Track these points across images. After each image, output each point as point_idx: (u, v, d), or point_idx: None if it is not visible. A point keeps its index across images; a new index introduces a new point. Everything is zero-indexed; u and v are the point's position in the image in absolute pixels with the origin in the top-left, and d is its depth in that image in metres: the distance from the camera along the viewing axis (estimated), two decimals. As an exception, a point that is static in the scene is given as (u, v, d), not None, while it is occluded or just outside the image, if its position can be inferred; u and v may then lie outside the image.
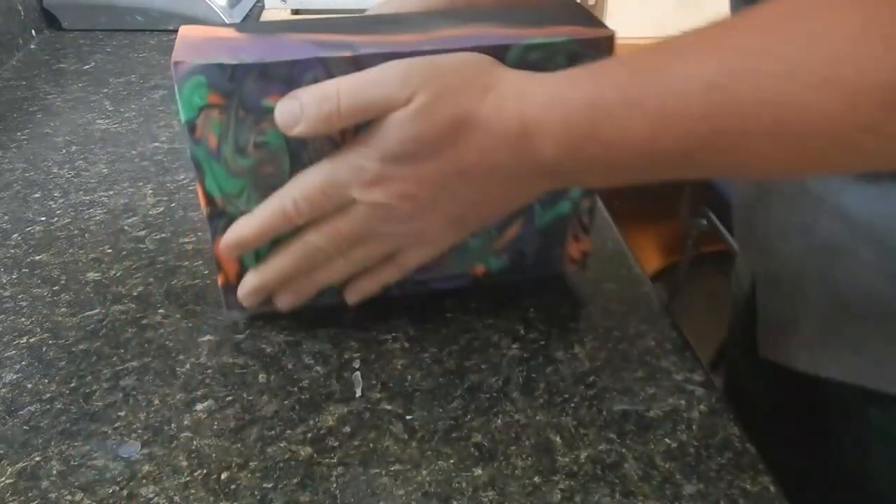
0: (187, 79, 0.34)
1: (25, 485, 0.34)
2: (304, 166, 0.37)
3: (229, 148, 0.36)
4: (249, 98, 0.35)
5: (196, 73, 0.34)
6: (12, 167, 0.61)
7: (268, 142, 0.36)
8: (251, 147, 0.37)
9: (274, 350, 0.41)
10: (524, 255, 0.44)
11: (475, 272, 0.44)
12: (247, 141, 0.36)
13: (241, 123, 0.36)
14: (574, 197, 0.43)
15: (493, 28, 0.38)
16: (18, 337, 0.42)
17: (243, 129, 0.36)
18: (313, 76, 0.35)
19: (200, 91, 0.35)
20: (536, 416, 0.37)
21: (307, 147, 0.37)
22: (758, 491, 0.34)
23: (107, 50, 0.89)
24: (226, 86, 0.35)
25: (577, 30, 0.38)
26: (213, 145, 0.36)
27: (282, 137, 0.36)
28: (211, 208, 0.38)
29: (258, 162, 0.37)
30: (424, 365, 0.40)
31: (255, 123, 0.36)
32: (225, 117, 0.36)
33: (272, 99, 0.35)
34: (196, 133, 0.36)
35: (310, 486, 0.34)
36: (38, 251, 0.50)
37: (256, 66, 0.35)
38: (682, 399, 0.38)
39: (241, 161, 0.37)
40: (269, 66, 0.35)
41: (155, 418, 0.37)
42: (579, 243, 0.45)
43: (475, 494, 0.33)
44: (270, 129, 0.36)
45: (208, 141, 0.36)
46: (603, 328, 0.43)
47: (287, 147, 0.37)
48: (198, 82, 0.34)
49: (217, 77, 0.34)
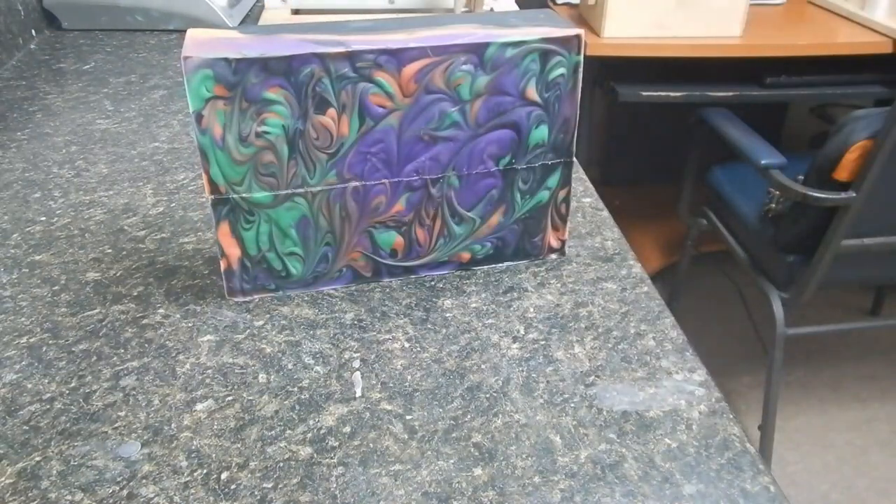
0: (195, 72, 0.38)
1: (25, 485, 0.34)
2: (301, 155, 0.41)
3: (233, 137, 0.40)
4: (252, 90, 0.39)
5: (203, 66, 0.38)
6: (12, 167, 0.61)
7: (268, 131, 0.40)
8: (253, 136, 0.40)
9: (274, 350, 0.41)
10: (506, 242, 0.48)
11: (460, 259, 0.47)
12: (249, 130, 0.40)
13: (243, 114, 0.39)
14: (551, 187, 0.46)
15: (473, 28, 0.42)
16: (18, 337, 0.42)
17: (246, 120, 0.39)
18: (310, 70, 0.39)
19: (207, 83, 0.38)
20: (536, 416, 0.37)
21: (304, 136, 0.40)
22: (758, 491, 0.34)
23: (107, 50, 0.89)
24: (230, 78, 0.38)
25: (549, 30, 0.42)
26: (219, 135, 0.39)
27: (281, 127, 0.40)
28: (215, 196, 0.41)
29: (259, 150, 0.40)
30: (424, 365, 0.40)
31: (256, 114, 0.39)
32: (229, 108, 0.39)
33: (272, 91, 0.39)
34: (202, 123, 0.39)
35: (310, 486, 0.34)
36: (38, 251, 0.50)
37: (258, 61, 0.38)
38: (682, 399, 0.38)
39: (243, 150, 0.40)
40: (270, 61, 0.38)
41: (155, 418, 0.37)
42: (558, 232, 0.48)
43: (475, 494, 0.33)
44: (270, 119, 0.39)
45: (213, 130, 0.39)
46: (603, 328, 0.43)
47: (285, 136, 0.40)
48: (205, 75, 0.38)
49: (222, 70, 0.38)
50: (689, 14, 1.46)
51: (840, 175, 1.27)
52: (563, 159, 0.46)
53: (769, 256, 1.46)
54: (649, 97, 1.58)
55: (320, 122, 0.40)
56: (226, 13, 0.98)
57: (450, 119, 0.42)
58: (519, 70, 0.42)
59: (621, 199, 2.15)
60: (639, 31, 1.49)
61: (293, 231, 0.43)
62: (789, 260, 1.42)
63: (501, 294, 0.46)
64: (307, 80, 0.39)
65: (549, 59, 0.42)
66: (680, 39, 1.48)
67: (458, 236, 0.46)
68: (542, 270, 0.48)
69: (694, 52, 1.49)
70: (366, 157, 0.42)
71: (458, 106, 0.42)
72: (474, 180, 0.44)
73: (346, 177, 0.42)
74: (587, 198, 0.57)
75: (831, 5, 1.73)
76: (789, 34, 1.59)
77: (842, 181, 1.27)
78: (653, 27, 1.48)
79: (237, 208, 0.42)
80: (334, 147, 0.41)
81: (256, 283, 0.44)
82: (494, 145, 0.44)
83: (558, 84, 0.43)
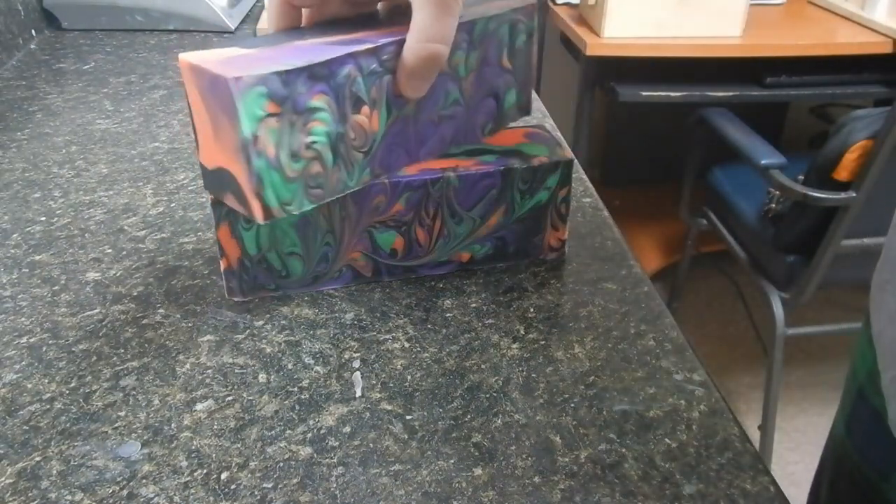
0: (247, 92, 0.34)
1: (25, 485, 0.34)
2: (343, 159, 0.39)
3: (285, 154, 0.37)
4: (299, 101, 0.36)
5: (256, 84, 0.34)
6: (12, 167, 0.61)
7: (315, 141, 0.38)
8: (303, 149, 0.37)
9: (274, 350, 0.41)
10: (506, 242, 0.48)
11: (460, 259, 0.47)
12: (299, 144, 0.37)
13: (293, 127, 0.37)
14: (551, 186, 0.46)
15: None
16: (18, 337, 0.42)
17: (295, 133, 0.37)
18: (346, 72, 0.38)
19: (260, 101, 0.35)
20: (536, 416, 0.37)
21: (344, 139, 0.39)
22: (758, 491, 0.34)
23: (107, 50, 0.89)
24: (280, 92, 0.35)
25: (511, 2, 0.46)
26: (272, 154, 0.36)
27: (325, 135, 0.38)
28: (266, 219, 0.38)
29: (308, 163, 0.38)
30: (424, 365, 0.40)
31: (303, 125, 0.37)
32: (279, 124, 0.36)
33: (317, 98, 0.37)
34: (258, 144, 0.36)
35: (310, 486, 0.34)
36: (38, 251, 0.50)
37: (305, 69, 0.36)
38: (682, 399, 0.38)
39: (294, 165, 0.38)
40: (315, 67, 0.36)
41: (155, 418, 0.37)
42: (557, 231, 0.48)
43: (475, 494, 0.33)
44: (316, 127, 0.38)
45: (267, 151, 0.36)
46: (603, 328, 0.43)
47: (329, 144, 0.39)
48: (258, 93, 0.35)
49: (275, 85, 0.35)
50: (689, 14, 1.46)
51: (840, 175, 1.27)
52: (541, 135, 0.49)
53: (769, 256, 1.46)
54: (649, 97, 1.58)
55: (357, 122, 0.39)
56: (226, 13, 0.98)
57: (452, 98, 0.44)
58: (496, 41, 0.45)
59: (621, 199, 2.15)
60: (639, 31, 1.49)
61: (293, 231, 0.43)
62: (789, 260, 1.42)
63: (501, 294, 0.46)
64: (345, 81, 0.38)
65: (516, 27, 0.46)
66: (680, 39, 1.48)
67: (458, 236, 0.46)
68: (542, 270, 0.48)
69: (694, 52, 1.50)
70: (391, 148, 0.42)
71: (457, 84, 0.44)
72: (474, 180, 0.44)
73: (377, 172, 0.42)
74: (587, 198, 0.57)
75: (831, 5, 1.73)
76: (789, 34, 1.59)
77: (842, 181, 1.27)
78: (653, 27, 1.48)
79: None
80: (368, 145, 0.41)
81: (256, 283, 0.44)
82: (482, 115, 0.47)
83: (521, 50, 0.47)
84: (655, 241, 2.04)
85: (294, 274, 0.45)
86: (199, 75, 0.36)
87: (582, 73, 1.63)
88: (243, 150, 0.36)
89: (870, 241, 1.35)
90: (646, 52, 1.49)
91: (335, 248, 0.44)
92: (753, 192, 1.54)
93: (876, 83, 1.60)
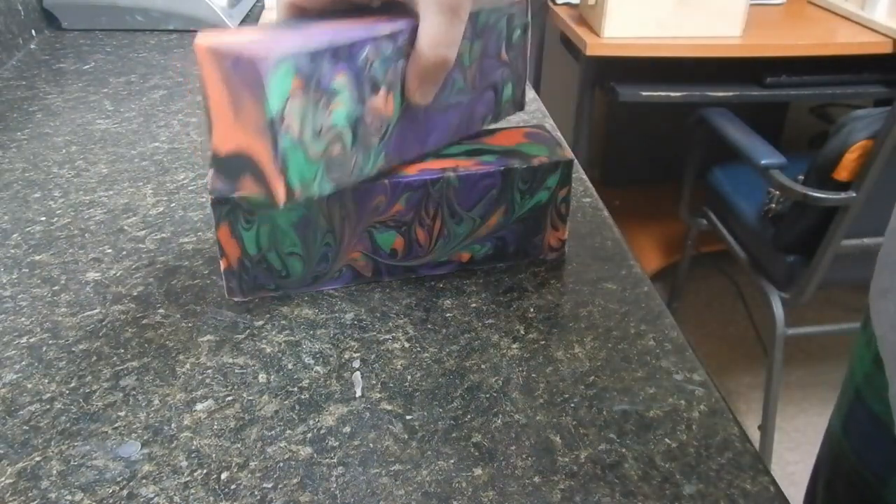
0: (275, 70, 0.34)
1: (25, 485, 0.34)
2: (362, 142, 0.40)
3: (309, 132, 0.37)
4: (323, 79, 0.36)
5: (284, 61, 0.34)
6: (12, 167, 0.61)
7: (335, 123, 0.38)
8: (325, 129, 0.38)
9: (274, 350, 0.41)
10: (506, 242, 0.48)
11: (460, 259, 0.47)
12: (321, 123, 0.37)
13: (316, 106, 0.37)
14: (551, 186, 0.47)
15: None
16: (18, 337, 0.42)
17: (318, 112, 0.37)
18: (365, 55, 0.38)
19: (287, 79, 0.35)
20: (536, 416, 0.37)
21: (362, 122, 0.39)
22: (758, 491, 0.34)
23: (107, 50, 0.89)
24: (307, 69, 0.35)
25: None
26: (296, 133, 0.36)
27: (345, 116, 0.38)
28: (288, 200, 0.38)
29: (329, 144, 0.38)
30: (424, 365, 0.40)
31: (326, 105, 0.37)
32: (304, 102, 0.36)
33: (339, 78, 0.37)
34: (284, 122, 0.35)
35: (310, 486, 0.34)
36: (38, 251, 0.50)
37: (329, 49, 0.36)
38: (682, 399, 0.38)
39: (316, 145, 0.38)
40: (339, 48, 0.37)
41: (155, 418, 0.37)
42: (557, 231, 0.48)
43: (475, 494, 0.33)
44: (337, 109, 0.38)
45: (292, 129, 0.36)
46: (603, 328, 0.43)
47: (349, 126, 0.39)
48: (286, 71, 0.35)
49: (302, 62, 0.35)
50: (689, 14, 1.46)
51: (840, 175, 1.27)
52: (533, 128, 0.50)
53: (769, 256, 1.46)
54: (649, 97, 1.58)
55: (374, 105, 0.39)
56: (226, 13, 0.98)
57: (458, 86, 0.45)
58: (495, 34, 0.46)
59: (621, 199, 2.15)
60: (639, 31, 1.49)
61: (293, 231, 0.43)
62: (789, 260, 1.42)
63: (501, 294, 0.46)
64: (364, 64, 0.38)
65: (513, 21, 0.47)
66: (680, 39, 1.48)
67: (458, 236, 0.46)
68: (542, 270, 0.48)
69: (694, 52, 1.49)
70: (404, 133, 0.42)
71: (462, 73, 0.44)
72: (474, 180, 0.44)
73: (391, 158, 0.42)
74: (587, 198, 0.57)
75: (831, 5, 1.73)
76: (789, 34, 1.59)
77: (842, 181, 1.27)
78: (653, 27, 1.48)
79: (237, 208, 0.42)
80: (384, 128, 0.41)
81: (256, 283, 0.44)
82: (483, 106, 0.48)
83: (517, 45, 0.48)
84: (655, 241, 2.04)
85: (294, 274, 0.45)
86: (219, 56, 0.35)
87: (582, 73, 1.63)
88: (270, 129, 0.35)
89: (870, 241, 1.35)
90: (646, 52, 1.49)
91: (335, 248, 0.44)
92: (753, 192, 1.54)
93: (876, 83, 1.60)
